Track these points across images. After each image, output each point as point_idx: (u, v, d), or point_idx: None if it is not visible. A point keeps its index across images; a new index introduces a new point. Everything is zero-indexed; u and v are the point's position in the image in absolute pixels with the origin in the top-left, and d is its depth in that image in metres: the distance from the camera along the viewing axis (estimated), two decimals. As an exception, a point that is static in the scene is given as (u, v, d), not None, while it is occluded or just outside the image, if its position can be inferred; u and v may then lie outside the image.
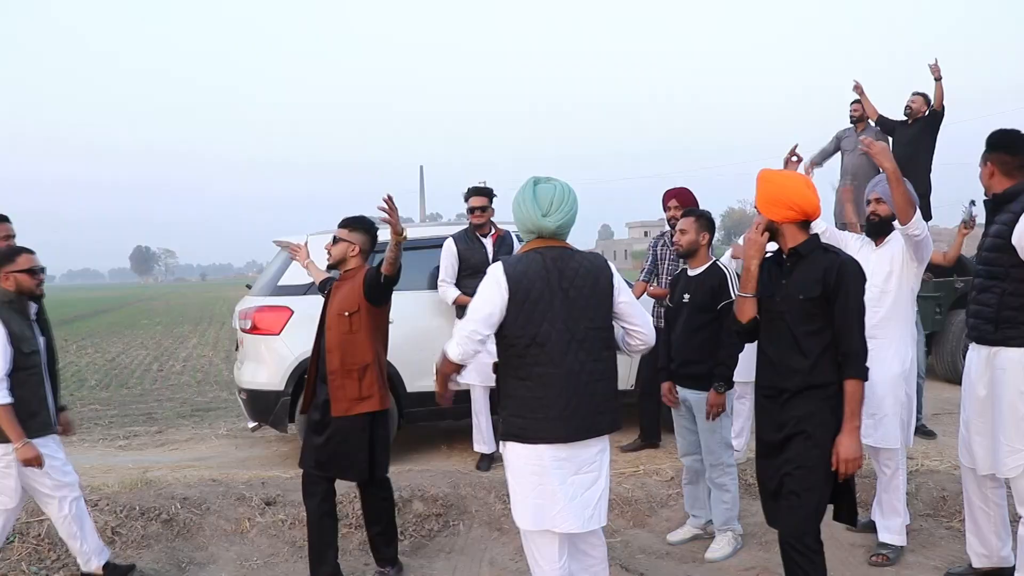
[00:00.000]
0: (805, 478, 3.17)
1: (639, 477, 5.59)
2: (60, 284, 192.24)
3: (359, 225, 4.31)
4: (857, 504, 3.46)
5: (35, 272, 4.07)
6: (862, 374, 3.14)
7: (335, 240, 4.30)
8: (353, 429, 4.16)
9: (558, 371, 3.06)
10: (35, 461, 3.91)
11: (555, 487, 3.08)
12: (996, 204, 3.76)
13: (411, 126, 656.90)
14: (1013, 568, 3.83)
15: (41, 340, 4.14)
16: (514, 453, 3.15)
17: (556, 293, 3.07)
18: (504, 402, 3.16)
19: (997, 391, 3.71)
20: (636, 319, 3.24)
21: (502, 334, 3.11)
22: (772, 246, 3.38)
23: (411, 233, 6.54)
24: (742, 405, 5.67)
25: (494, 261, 4.76)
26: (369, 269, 4.22)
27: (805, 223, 3.30)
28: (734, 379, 4.50)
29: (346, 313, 4.15)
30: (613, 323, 3.25)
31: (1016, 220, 3.58)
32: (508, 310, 3.06)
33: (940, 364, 8.75)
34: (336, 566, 4.29)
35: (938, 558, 4.42)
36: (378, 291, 4.15)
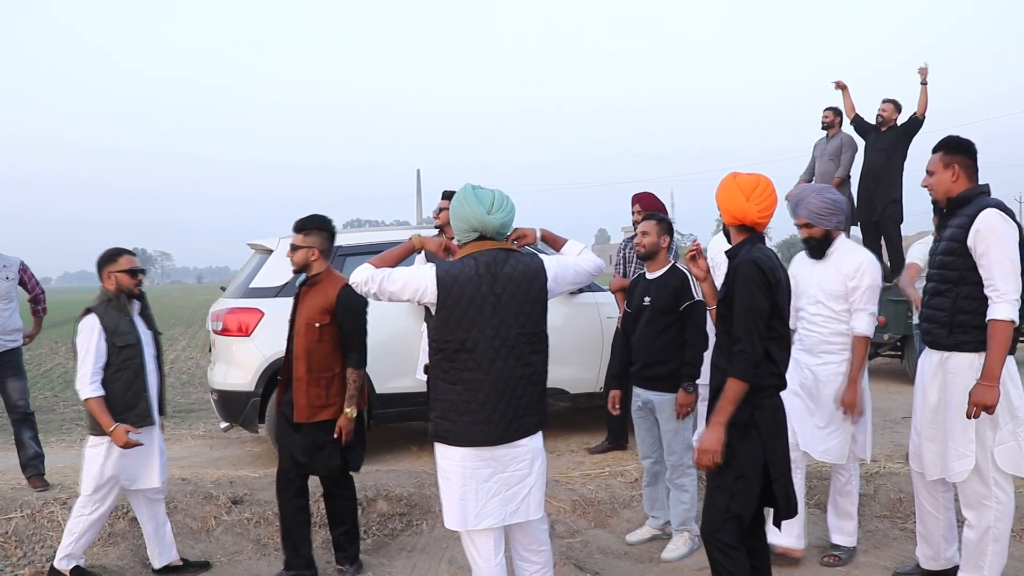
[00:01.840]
0: (716, 477, 3.24)
1: (604, 478, 5.66)
2: (56, 286, 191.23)
3: (312, 226, 4.31)
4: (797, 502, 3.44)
5: (134, 272, 4.35)
6: (741, 374, 3.11)
7: (293, 248, 4.30)
8: (325, 430, 4.25)
9: (487, 377, 3.11)
10: (130, 444, 4.15)
11: (478, 486, 3.15)
12: (951, 208, 3.78)
13: (409, 128, 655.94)
14: (957, 568, 3.90)
15: (147, 335, 4.42)
16: (441, 454, 3.22)
17: (487, 299, 3.12)
18: (433, 404, 3.21)
19: (947, 396, 3.76)
20: (572, 259, 3.46)
21: (432, 338, 3.20)
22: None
23: (385, 237, 6.67)
24: (703, 407, 5.73)
25: None
26: (344, 291, 4.18)
27: (744, 228, 3.35)
28: (698, 382, 4.56)
29: (316, 324, 4.19)
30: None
31: (971, 224, 3.61)
32: (436, 314, 3.14)
33: (912, 367, 8.82)
34: (310, 559, 4.38)
35: (889, 559, 4.50)
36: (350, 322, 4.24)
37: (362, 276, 3.16)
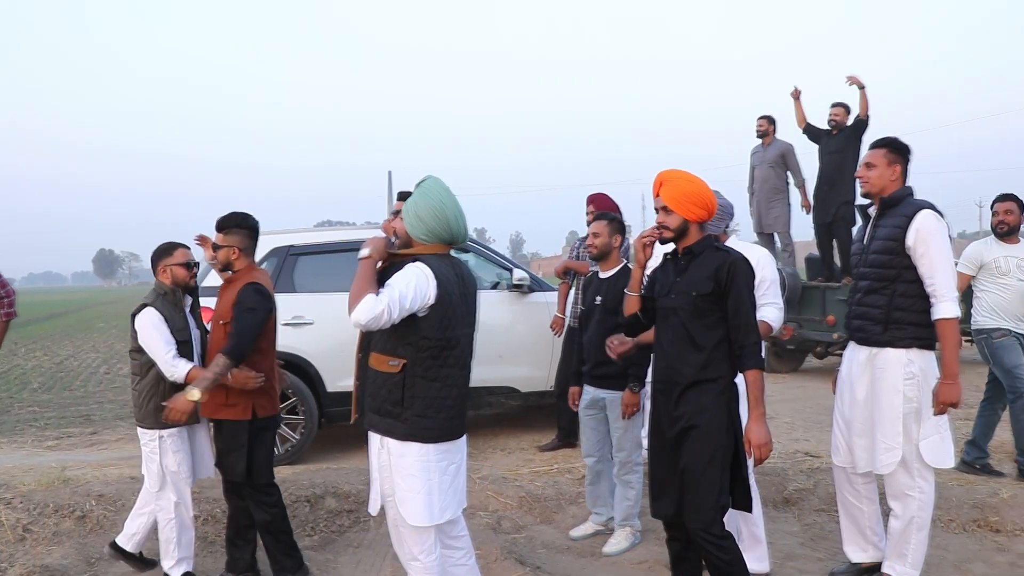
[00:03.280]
0: (705, 472, 3.27)
1: (552, 475, 5.75)
2: (20, 287, 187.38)
3: (232, 224, 4.20)
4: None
5: (189, 266, 4.27)
6: (760, 364, 3.29)
7: (215, 247, 4.21)
8: (232, 430, 4.16)
9: (462, 373, 3.25)
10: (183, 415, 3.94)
11: (440, 479, 3.21)
12: (883, 207, 3.88)
13: (380, 129, 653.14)
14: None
15: (196, 332, 4.30)
16: (403, 453, 3.19)
17: (461, 298, 3.22)
18: (408, 403, 3.15)
19: (876, 389, 3.86)
20: None
21: (420, 336, 3.12)
22: (669, 246, 3.52)
23: (337, 236, 6.70)
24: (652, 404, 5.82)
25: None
26: (244, 288, 4.09)
27: (702, 224, 3.44)
28: (647, 379, 4.62)
29: (221, 322, 4.15)
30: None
31: (908, 223, 3.72)
32: (431, 311, 3.11)
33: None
34: (249, 562, 4.37)
35: (824, 551, 4.62)
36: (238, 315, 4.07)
37: (378, 310, 2.96)
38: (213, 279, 6.28)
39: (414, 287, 3.04)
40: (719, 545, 3.27)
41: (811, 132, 9.32)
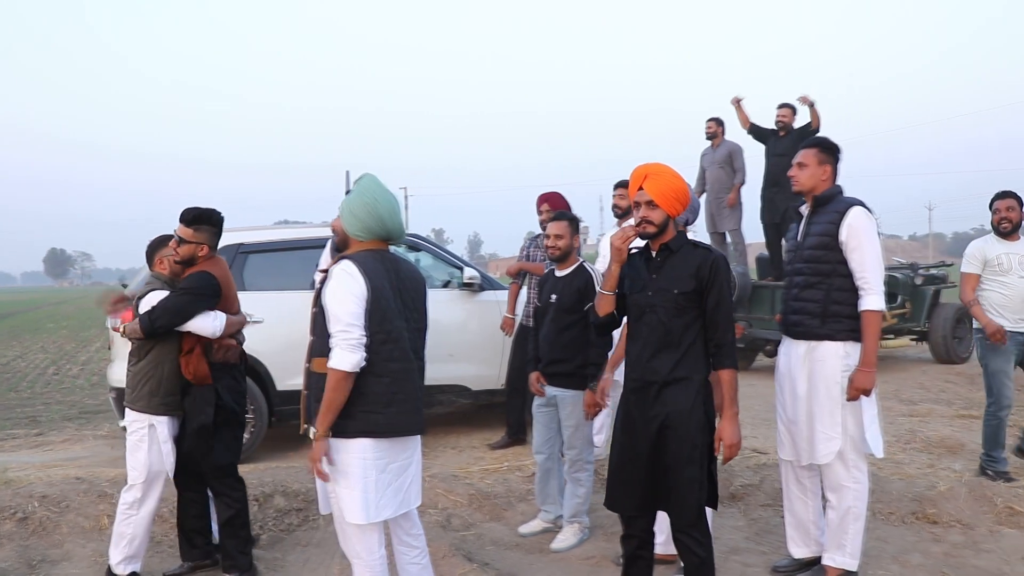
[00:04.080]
0: (687, 471, 3.27)
1: (502, 473, 5.78)
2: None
3: (203, 221, 4.20)
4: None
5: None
6: (735, 363, 3.34)
7: (180, 240, 4.17)
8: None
9: (409, 366, 3.23)
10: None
11: (377, 477, 3.21)
12: (816, 205, 4.01)
13: (338, 128, 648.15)
14: None
15: None
16: (339, 449, 3.19)
17: (396, 292, 3.21)
18: (356, 400, 3.15)
19: (815, 382, 3.96)
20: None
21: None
22: (639, 241, 3.48)
23: (286, 234, 6.68)
24: (612, 402, 5.85)
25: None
26: (189, 275, 4.15)
27: (675, 220, 3.45)
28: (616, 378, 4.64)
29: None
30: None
31: (841, 220, 3.85)
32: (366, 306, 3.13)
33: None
34: (207, 551, 4.42)
35: (768, 544, 4.69)
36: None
37: (355, 355, 3.07)
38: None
39: (347, 294, 3.10)
40: (701, 543, 3.30)
41: (757, 132, 9.54)
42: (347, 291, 3.11)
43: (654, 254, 3.44)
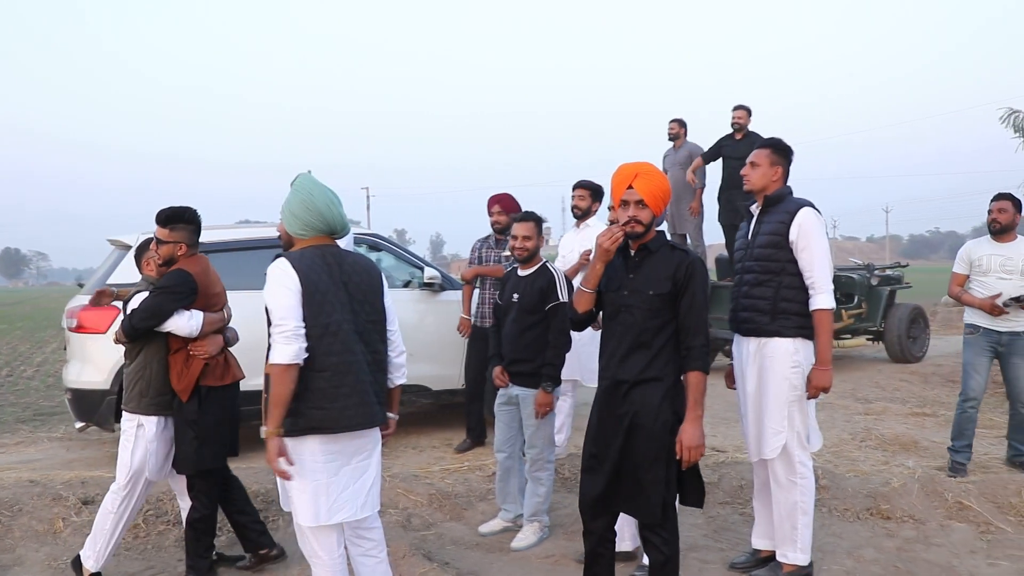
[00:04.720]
0: (650, 470, 3.29)
1: (463, 473, 5.80)
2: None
3: (180, 220, 4.18)
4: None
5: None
6: (705, 366, 3.32)
7: (159, 242, 4.16)
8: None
9: (353, 359, 3.17)
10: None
11: (328, 480, 3.18)
12: (766, 205, 4.09)
13: (298, 127, 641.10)
14: None
15: None
16: (299, 450, 3.15)
17: (339, 285, 3.19)
18: (301, 397, 3.12)
19: (764, 378, 4.04)
20: (393, 323, 3.42)
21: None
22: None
23: (246, 234, 6.62)
24: (564, 402, 5.89)
25: None
26: (167, 274, 4.14)
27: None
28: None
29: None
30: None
31: (791, 220, 3.94)
32: (302, 304, 3.12)
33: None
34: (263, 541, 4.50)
35: (726, 541, 4.76)
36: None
37: (292, 347, 3.05)
38: (119, 277, 6.17)
39: (279, 287, 3.10)
40: (667, 541, 3.34)
41: (711, 154, 9.65)
42: (279, 285, 3.11)
43: (632, 253, 3.46)
